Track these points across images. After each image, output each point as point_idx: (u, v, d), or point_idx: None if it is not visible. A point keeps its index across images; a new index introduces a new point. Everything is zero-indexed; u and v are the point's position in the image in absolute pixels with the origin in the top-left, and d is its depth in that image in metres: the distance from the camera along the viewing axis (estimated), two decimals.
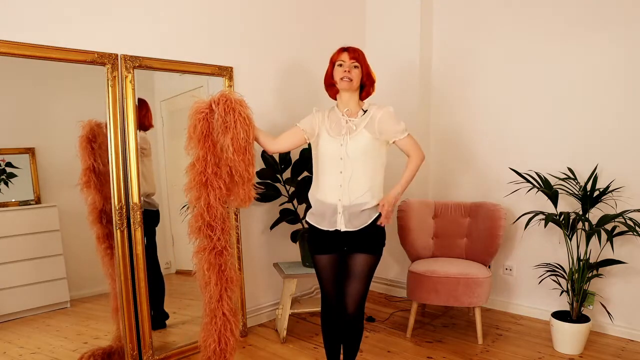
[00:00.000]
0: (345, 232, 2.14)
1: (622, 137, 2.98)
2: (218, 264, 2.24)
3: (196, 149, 2.16)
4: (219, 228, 2.21)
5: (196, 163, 2.16)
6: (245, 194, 2.19)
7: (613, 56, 2.99)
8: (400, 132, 2.16)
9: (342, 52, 2.16)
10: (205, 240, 2.22)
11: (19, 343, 2.40)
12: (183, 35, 2.80)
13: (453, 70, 3.72)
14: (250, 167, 2.17)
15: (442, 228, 3.41)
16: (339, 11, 3.75)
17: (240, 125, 2.11)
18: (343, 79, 2.12)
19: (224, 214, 2.23)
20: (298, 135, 2.26)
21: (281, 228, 3.25)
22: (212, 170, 2.16)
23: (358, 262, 2.17)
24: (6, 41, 2.12)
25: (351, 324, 2.24)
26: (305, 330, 3.23)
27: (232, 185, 2.19)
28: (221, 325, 2.27)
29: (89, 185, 2.49)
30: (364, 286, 2.20)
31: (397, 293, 3.93)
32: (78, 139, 2.46)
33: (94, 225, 2.53)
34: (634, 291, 3.00)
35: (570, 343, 2.82)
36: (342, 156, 2.11)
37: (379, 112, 2.15)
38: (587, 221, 2.80)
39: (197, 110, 2.16)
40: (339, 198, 2.12)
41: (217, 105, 2.13)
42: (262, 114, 3.21)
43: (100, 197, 2.51)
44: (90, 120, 2.49)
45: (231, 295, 2.28)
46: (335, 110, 2.22)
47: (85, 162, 2.47)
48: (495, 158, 3.51)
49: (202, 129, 2.14)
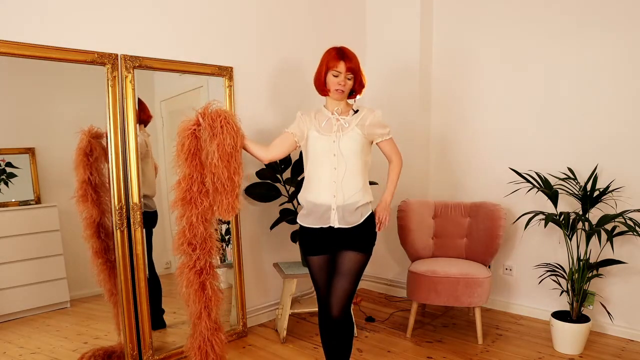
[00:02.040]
0: (338, 229, 2.14)
1: (622, 137, 2.98)
2: (197, 282, 2.27)
3: (183, 167, 2.18)
4: (198, 247, 2.24)
5: (182, 181, 2.18)
6: (229, 203, 2.17)
7: (613, 56, 2.99)
8: (386, 134, 2.24)
9: (339, 61, 2.12)
10: (186, 258, 2.26)
11: (19, 343, 2.40)
12: (183, 35, 2.80)
13: (453, 70, 3.72)
14: (235, 175, 2.16)
15: (442, 228, 3.41)
16: (339, 11, 3.75)
17: (227, 131, 2.12)
18: (337, 90, 2.14)
19: (205, 234, 2.24)
20: (289, 141, 2.26)
21: (281, 228, 3.25)
22: (198, 189, 2.19)
23: (347, 260, 2.16)
24: (6, 41, 2.13)
25: (337, 326, 2.20)
26: (305, 330, 3.23)
27: (216, 194, 2.18)
28: (200, 340, 2.33)
29: (86, 198, 2.47)
30: (351, 285, 2.18)
31: (397, 293, 3.93)
32: (75, 151, 2.44)
33: (90, 239, 2.50)
34: (634, 291, 3.00)
35: (570, 343, 2.82)
36: (335, 152, 2.12)
37: (370, 114, 2.20)
38: (587, 221, 2.80)
39: (184, 128, 2.17)
40: (333, 195, 2.12)
41: (204, 116, 2.15)
42: (262, 114, 3.23)
43: (98, 211, 2.49)
44: (88, 130, 2.47)
45: (210, 313, 2.30)
46: (323, 111, 2.23)
47: (81, 175, 2.45)
48: (495, 158, 3.51)
49: (190, 146, 2.16)
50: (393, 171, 2.31)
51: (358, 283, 2.22)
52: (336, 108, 2.19)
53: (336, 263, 2.19)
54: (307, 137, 2.21)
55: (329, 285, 2.21)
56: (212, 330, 2.33)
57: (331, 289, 2.19)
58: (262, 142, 2.35)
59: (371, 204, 2.22)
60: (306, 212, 2.21)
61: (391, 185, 2.30)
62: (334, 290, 2.18)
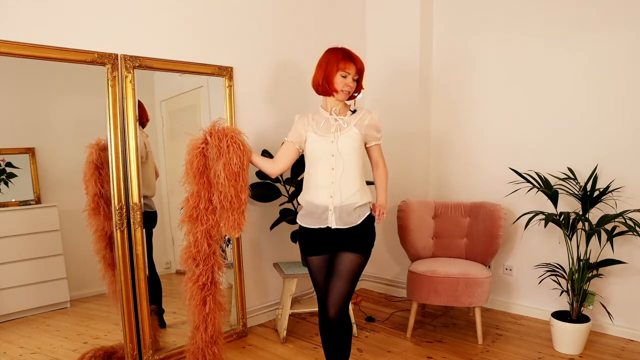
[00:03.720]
0: (336, 229, 2.14)
1: (622, 137, 2.98)
2: (199, 296, 2.34)
3: (192, 184, 2.23)
4: (202, 263, 2.30)
5: (190, 198, 2.24)
6: (235, 220, 2.21)
7: (613, 56, 2.98)
8: (378, 139, 2.27)
9: (349, 63, 2.14)
10: (190, 272, 2.33)
11: (19, 343, 2.40)
12: (183, 35, 2.80)
13: (453, 70, 3.72)
14: (242, 193, 2.19)
15: (442, 228, 3.41)
16: (339, 11, 3.75)
17: (233, 150, 2.15)
18: (344, 91, 2.15)
19: (209, 251, 2.30)
20: (292, 150, 2.29)
21: (281, 228, 3.25)
22: (204, 206, 2.24)
23: (344, 261, 2.15)
24: (6, 41, 2.13)
25: (335, 327, 2.19)
26: (305, 330, 3.23)
27: (222, 211, 2.22)
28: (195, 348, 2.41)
29: (98, 211, 2.49)
30: (348, 287, 2.16)
31: (397, 293, 3.93)
32: (85, 165, 2.47)
33: (103, 251, 2.52)
34: (634, 291, 2.99)
35: (570, 343, 2.82)
36: (333, 153, 2.12)
37: (368, 115, 2.21)
38: (587, 221, 2.80)
39: (193, 147, 2.21)
40: (330, 195, 2.12)
41: (211, 135, 2.19)
42: (262, 114, 3.23)
43: (110, 224, 2.50)
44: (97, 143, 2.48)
45: (207, 327, 2.37)
46: (320, 112, 2.24)
47: (93, 188, 2.48)
48: (495, 158, 3.51)
49: (199, 165, 2.21)
50: (381, 176, 2.32)
51: (356, 285, 2.21)
52: (334, 108, 2.19)
53: (334, 264, 2.18)
54: (305, 139, 2.21)
55: (328, 286, 2.21)
56: (207, 343, 2.40)
57: (328, 290, 2.18)
58: (263, 143, 2.35)
59: (369, 205, 2.22)
60: (305, 213, 2.21)
61: (383, 189, 2.33)
62: (330, 292, 2.17)
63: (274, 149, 2.94)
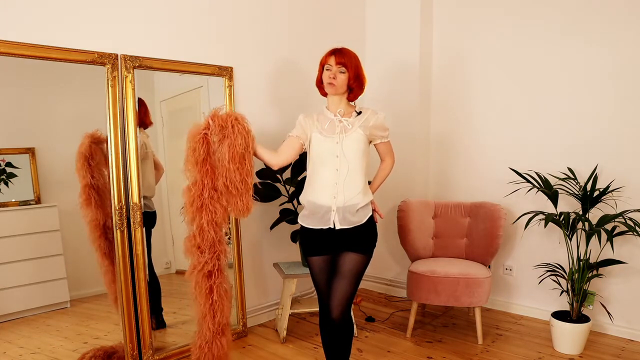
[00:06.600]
0: (339, 230, 2.14)
1: (622, 137, 2.99)
2: (206, 285, 2.28)
3: (193, 173, 2.16)
4: (207, 251, 2.24)
5: (192, 187, 2.16)
6: (244, 204, 2.17)
7: (613, 56, 2.98)
8: (385, 137, 2.27)
9: (330, 56, 2.14)
10: (195, 261, 2.27)
11: (19, 343, 2.40)
12: (183, 35, 2.80)
13: (453, 70, 3.72)
14: (248, 177, 2.13)
15: (442, 228, 3.41)
16: (339, 11, 3.75)
17: (238, 131, 2.09)
18: (329, 84, 2.14)
19: (215, 239, 2.24)
20: (296, 144, 2.25)
21: (281, 228, 3.25)
22: (209, 194, 2.16)
23: (348, 261, 2.15)
24: (6, 41, 2.13)
25: (337, 328, 2.18)
26: (305, 330, 3.23)
27: (230, 197, 2.16)
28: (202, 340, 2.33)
29: (89, 202, 2.47)
30: (352, 287, 2.16)
31: (397, 293, 3.93)
32: (76, 155, 2.45)
33: (98, 240, 2.51)
34: (634, 291, 3.00)
35: (570, 343, 2.82)
36: (337, 154, 2.12)
37: (374, 116, 2.20)
38: (587, 221, 2.80)
39: (195, 133, 2.14)
40: (333, 196, 2.12)
41: (213, 119, 2.12)
42: (262, 114, 3.23)
43: (102, 214, 2.50)
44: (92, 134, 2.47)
45: (215, 316, 2.31)
46: (325, 112, 2.23)
47: (84, 178, 2.46)
48: (495, 158, 3.51)
49: (201, 151, 2.13)
50: (384, 170, 2.35)
51: (358, 285, 2.21)
52: (339, 110, 2.19)
53: (336, 264, 2.18)
54: (309, 139, 2.21)
55: (329, 286, 2.21)
56: (214, 334, 2.32)
57: (331, 290, 2.18)
58: (264, 143, 2.34)
59: (371, 205, 2.22)
60: (307, 213, 2.20)
61: (379, 181, 2.36)
62: (333, 292, 2.17)
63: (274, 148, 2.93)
